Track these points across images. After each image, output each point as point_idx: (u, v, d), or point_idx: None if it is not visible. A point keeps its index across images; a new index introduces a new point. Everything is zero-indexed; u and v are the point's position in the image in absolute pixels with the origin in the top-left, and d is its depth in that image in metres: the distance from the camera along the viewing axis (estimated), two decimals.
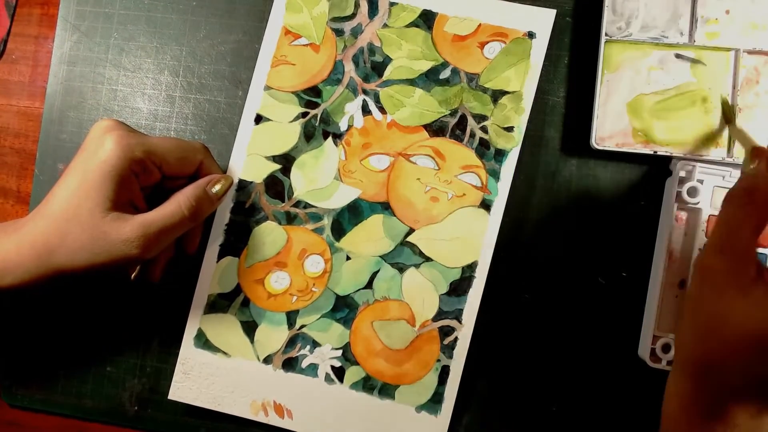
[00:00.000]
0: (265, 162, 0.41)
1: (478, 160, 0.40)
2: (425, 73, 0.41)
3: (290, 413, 0.40)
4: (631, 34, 0.39)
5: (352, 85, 0.41)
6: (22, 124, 0.45)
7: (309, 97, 0.41)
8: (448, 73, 0.41)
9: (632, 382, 0.40)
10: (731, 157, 0.38)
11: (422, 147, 0.41)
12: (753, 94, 0.39)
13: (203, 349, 0.41)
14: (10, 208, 0.45)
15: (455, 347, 0.40)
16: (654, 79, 0.39)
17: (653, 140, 0.39)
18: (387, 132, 0.41)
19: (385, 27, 0.41)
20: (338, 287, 0.41)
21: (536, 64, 0.40)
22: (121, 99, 0.44)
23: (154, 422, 0.42)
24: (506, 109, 0.40)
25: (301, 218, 0.41)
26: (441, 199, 0.40)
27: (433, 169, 0.41)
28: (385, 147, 0.41)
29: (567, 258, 0.41)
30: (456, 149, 0.41)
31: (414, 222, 0.41)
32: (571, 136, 0.41)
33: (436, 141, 0.41)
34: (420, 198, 0.41)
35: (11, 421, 0.44)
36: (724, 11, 0.39)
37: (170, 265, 0.41)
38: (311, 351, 0.41)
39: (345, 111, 0.41)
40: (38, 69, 0.45)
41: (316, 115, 0.41)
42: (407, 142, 0.41)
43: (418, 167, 0.41)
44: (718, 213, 0.30)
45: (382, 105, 0.41)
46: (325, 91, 0.41)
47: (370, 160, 0.41)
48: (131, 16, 0.44)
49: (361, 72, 0.41)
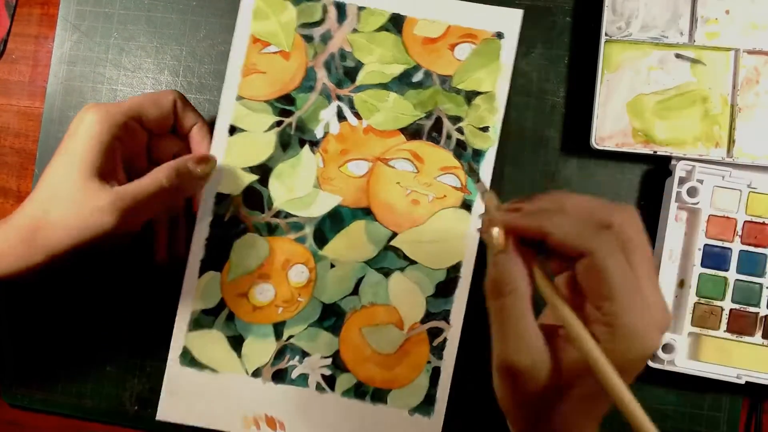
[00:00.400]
0: (242, 173, 0.41)
1: (456, 161, 0.40)
2: (398, 77, 0.41)
3: (282, 425, 0.40)
4: (631, 34, 0.39)
5: (326, 92, 0.41)
6: (22, 124, 0.45)
7: (282, 106, 0.41)
8: (420, 76, 0.41)
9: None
10: (731, 157, 0.38)
11: (400, 150, 0.41)
12: (753, 94, 0.39)
13: (189, 367, 0.40)
14: (10, 208, 0.45)
15: (444, 348, 0.40)
16: (654, 79, 0.39)
17: (653, 140, 0.39)
18: (363, 137, 0.41)
19: (355, 32, 0.41)
20: (324, 295, 0.40)
21: (507, 64, 0.40)
22: (121, 99, 0.44)
23: (154, 422, 0.42)
24: (480, 109, 0.40)
25: (282, 228, 0.41)
26: (422, 201, 0.40)
27: (412, 172, 0.40)
28: (363, 152, 0.41)
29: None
30: (433, 151, 0.41)
31: (396, 226, 0.40)
32: (571, 136, 0.41)
33: (413, 144, 0.41)
34: (401, 201, 0.40)
35: (11, 421, 0.44)
36: (724, 11, 0.39)
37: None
38: (300, 361, 0.40)
39: (320, 118, 0.41)
40: (38, 69, 0.45)
41: (291, 124, 0.41)
42: (384, 147, 0.41)
43: (397, 171, 0.41)
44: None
45: (357, 110, 0.41)
46: (299, 99, 0.41)
47: (349, 166, 0.41)
48: (131, 16, 0.44)
49: (334, 78, 0.41)
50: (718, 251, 0.39)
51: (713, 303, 0.38)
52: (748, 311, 0.38)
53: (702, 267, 0.39)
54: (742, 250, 0.39)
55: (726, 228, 0.39)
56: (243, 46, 0.41)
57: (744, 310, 0.38)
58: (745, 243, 0.39)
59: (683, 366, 0.38)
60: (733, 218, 0.39)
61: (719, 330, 0.38)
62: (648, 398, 0.40)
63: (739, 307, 0.38)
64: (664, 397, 0.40)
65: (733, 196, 0.39)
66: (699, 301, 0.38)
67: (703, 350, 0.38)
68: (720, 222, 0.39)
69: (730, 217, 0.39)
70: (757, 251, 0.38)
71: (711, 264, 0.39)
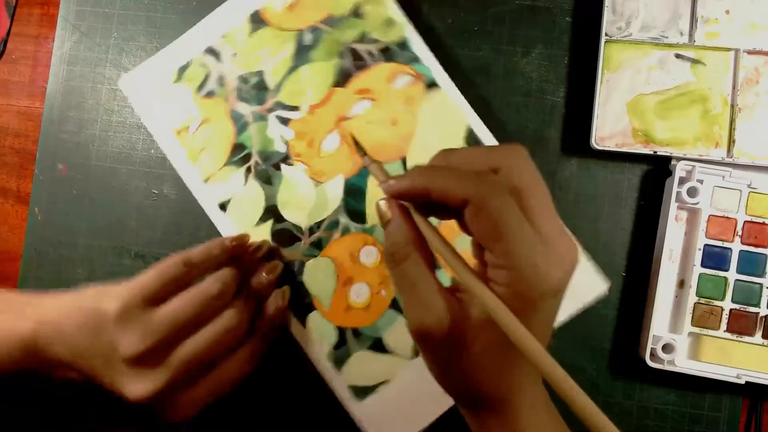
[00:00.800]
0: (258, 228, 0.41)
1: (394, 63, 0.41)
2: (295, 54, 0.42)
3: None
4: (631, 34, 0.39)
5: (258, 116, 0.42)
6: (22, 124, 0.45)
7: (238, 156, 0.42)
8: (310, 36, 0.42)
9: (632, 382, 0.40)
10: (731, 157, 0.38)
11: (347, 100, 0.41)
12: (753, 94, 0.39)
13: (364, 399, 0.39)
14: (10, 208, 0.45)
15: None
16: (654, 79, 0.39)
17: (653, 140, 0.39)
18: (314, 117, 0.42)
19: (235, 56, 0.42)
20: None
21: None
22: (121, 99, 0.44)
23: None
24: (373, 12, 0.41)
25: (325, 237, 0.41)
26: (398, 116, 0.41)
27: (373, 102, 0.41)
28: (324, 128, 0.41)
29: None
30: (371, 73, 0.41)
31: (399, 151, 0.41)
32: (571, 136, 0.41)
33: (352, 84, 0.41)
34: (385, 132, 0.41)
35: None
36: (724, 11, 0.39)
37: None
38: None
39: (271, 136, 0.42)
40: (38, 69, 0.45)
41: (256, 161, 0.42)
42: (334, 109, 0.41)
43: (361, 114, 0.41)
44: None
45: (290, 105, 0.42)
46: (244, 139, 0.42)
47: (324, 148, 0.41)
48: (131, 16, 0.44)
49: (254, 102, 0.42)
50: (718, 251, 0.39)
51: (713, 303, 0.38)
52: (748, 311, 0.38)
53: (702, 267, 0.39)
54: (742, 250, 0.39)
55: (726, 228, 0.39)
56: (174, 143, 0.42)
57: (744, 310, 0.38)
58: (745, 243, 0.39)
59: (683, 366, 0.38)
60: (733, 218, 0.39)
61: (719, 330, 0.38)
62: (648, 398, 0.40)
63: (739, 307, 0.38)
64: (664, 397, 0.40)
65: (733, 196, 0.39)
66: (699, 301, 0.38)
67: (703, 350, 0.38)
68: (720, 222, 0.39)
69: (730, 217, 0.39)
70: (757, 251, 0.38)
71: (711, 264, 0.39)
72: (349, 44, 0.41)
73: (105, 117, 0.44)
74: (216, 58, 0.42)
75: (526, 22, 0.41)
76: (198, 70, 0.42)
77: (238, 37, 0.42)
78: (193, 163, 0.42)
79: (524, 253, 0.24)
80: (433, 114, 0.41)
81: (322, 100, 0.42)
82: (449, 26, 0.42)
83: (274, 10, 0.42)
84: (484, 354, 0.26)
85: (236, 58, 0.42)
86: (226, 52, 0.42)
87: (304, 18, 0.42)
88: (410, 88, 0.41)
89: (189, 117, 0.42)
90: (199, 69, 0.42)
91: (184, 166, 0.42)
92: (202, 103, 0.42)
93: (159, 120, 0.42)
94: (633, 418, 0.40)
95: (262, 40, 0.42)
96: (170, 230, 0.43)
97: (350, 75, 0.41)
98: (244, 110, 0.42)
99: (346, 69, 0.42)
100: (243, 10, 0.42)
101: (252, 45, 0.42)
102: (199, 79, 0.42)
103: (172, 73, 0.42)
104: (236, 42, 0.42)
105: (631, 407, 0.40)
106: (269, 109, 0.42)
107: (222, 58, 0.42)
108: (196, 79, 0.42)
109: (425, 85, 0.41)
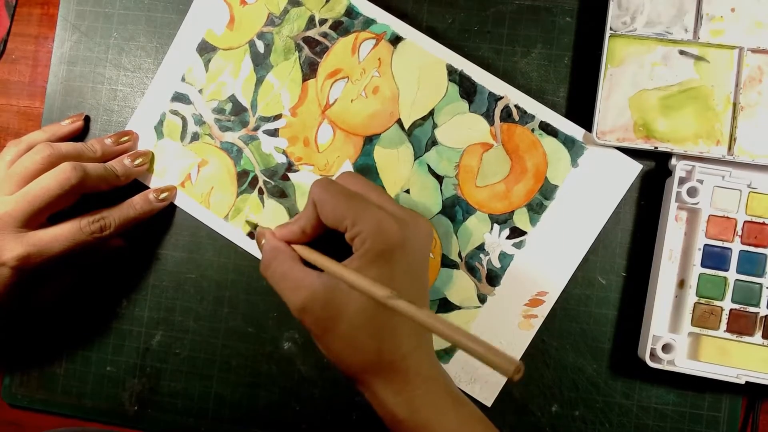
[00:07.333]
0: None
1: (352, 34, 0.41)
2: (254, 65, 0.42)
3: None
4: (636, 29, 0.39)
5: (247, 139, 0.42)
6: (22, 124, 0.45)
7: (245, 183, 0.42)
8: (261, 44, 0.42)
9: (632, 381, 0.40)
10: (732, 155, 0.38)
11: (322, 88, 0.42)
12: (756, 92, 0.39)
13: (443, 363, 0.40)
14: None
15: None
16: (657, 75, 0.39)
17: (654, 136, 0.39)
18: (299, 118, 0.42)
19: (201, 92, 0.42)
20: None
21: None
22: (121, 99, 0.44)
23: (154, 422, 0.43)
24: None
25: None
26: (376, 83, 0.41)
27: (347, 80, 0.41)
28: (313, 123, 0.42)
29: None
30: (334, 53, 0.42)
31: (393, 117, 0.41)
32: None
33: (320, 72, 0.42)
34: (371, 103, 0.41)
35: (12, 421, 0.45)
36: (730, 9, 0.39)
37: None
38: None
39: (267, 152, 0.42)
40: (38, 69, 0.45)
41: (264, 180, 0.42)
42: (314, 102, 0.42)
43: (341, 96, 0.41)
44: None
45: (271, 116, 0.42)
46: (245, 164, 0.42)
47: (320, 142, 0.42)
48: (131, 16, 0.44)
49: (238, 126, 0.42)
50: (718, 251, 0.38)
51: (713, 303, 0.38)
52: (748, 311, 0.38)
53: (702, 267, 0.38)
54: (742, 250, 0.38)
55: (726, 228, 0.38)
56: (183, 197, 0.43)
57: (744, 310, 0.38)
58: (745, 243, 0.38)
59: (683, 366, 0.38)
60: (733, 218, 0.38)
61: (719, 330, 0.38)
62: (648, 398, 0.40)
63: (739, 307, 0.38)
64: (663, 397, 0.40)
65: (733, 196, 0.39)
66: (699, 301, 0.38)
67: (702, 350, 0.38)
68: (720, 222, 0.38)
69: (730, 217, 0.39)
70: (757, 251, 0.38)
71: (711, 264, 0.38)
72: (301, 34, 0.42)
73: (105, 117, 0.44)
74: (184, 102, 0.43)
75: (526, 21, 0.41)
76: (173, 120, 0.43)
77: (196, 73, 0.43)
78: (208, 207, 0.42)
79: (361, 221, 0.31)
80: (407, 66, 0.41)
81: (300, 98, 0.42)
82: (449, 26, 0.42)
83: (216, 34, 0.42)
84: (357, 315, 0.31)
85: (203, 93, 0.42)
86: (192, 92, 0.43)
87: (247, 29, 0.42)
88: (376, 50, 0.41)
89: (186, 167, 0.42)
90: (173, 119, 0.43)
91: (202, 213, 0.42)
92: (191, 149, 0.42)
93: (165, 181, 0.43)
94: (633, 418, 0.40)
95: (218, 66, 0.42)
96: (175, 231, 0.43)
97: (316, 64, 0.42)
98: (232, 138, 0.42)
99: (309, 59, 0.42)
100: (189, 45, 0.43)
101: (211, 75, 0.42)
102: (178, 129, 0.43)
103: (153, 132, 0.43)
104: (196, 79, 0.43)
105: (631, 407, 0.40)
106: (255, 128, 0.42)
107: (191, 99, 0.43)
108: (176, 129, 0.43)
109: (389, 42, 0.41)
